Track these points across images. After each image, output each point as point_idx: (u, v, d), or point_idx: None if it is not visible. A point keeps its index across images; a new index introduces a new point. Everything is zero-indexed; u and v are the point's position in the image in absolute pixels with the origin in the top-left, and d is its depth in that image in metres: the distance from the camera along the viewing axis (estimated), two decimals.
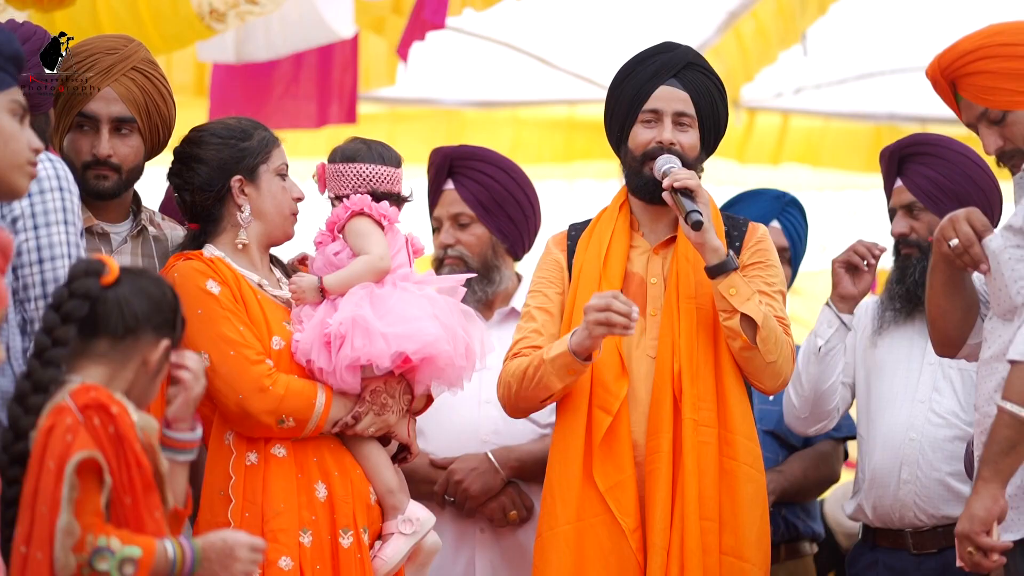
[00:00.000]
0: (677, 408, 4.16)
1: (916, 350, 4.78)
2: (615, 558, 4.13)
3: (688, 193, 4.14)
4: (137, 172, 4.18)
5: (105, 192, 4.12)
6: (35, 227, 3.49)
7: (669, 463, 4.13)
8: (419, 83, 8.98)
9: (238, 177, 4.03)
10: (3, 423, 3.30)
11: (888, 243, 4.89)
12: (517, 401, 4.29)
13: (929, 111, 8.78)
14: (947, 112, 4.24)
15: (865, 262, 4.71)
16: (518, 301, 4.89)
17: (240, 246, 4.05)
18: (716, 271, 4.16)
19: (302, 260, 4.23)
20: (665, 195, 4.17)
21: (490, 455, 4.71)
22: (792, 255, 5.36)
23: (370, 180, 4.15)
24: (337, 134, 8.99)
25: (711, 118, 4.32)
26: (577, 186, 10.08)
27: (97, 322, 3.25)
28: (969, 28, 4.13)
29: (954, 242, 3.92)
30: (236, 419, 3.92)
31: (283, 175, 4.08)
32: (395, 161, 4.21)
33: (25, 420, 3.18)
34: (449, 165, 4.89)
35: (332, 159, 4.20)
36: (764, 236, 4.35)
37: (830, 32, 8.68)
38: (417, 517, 4.01)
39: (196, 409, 3.46)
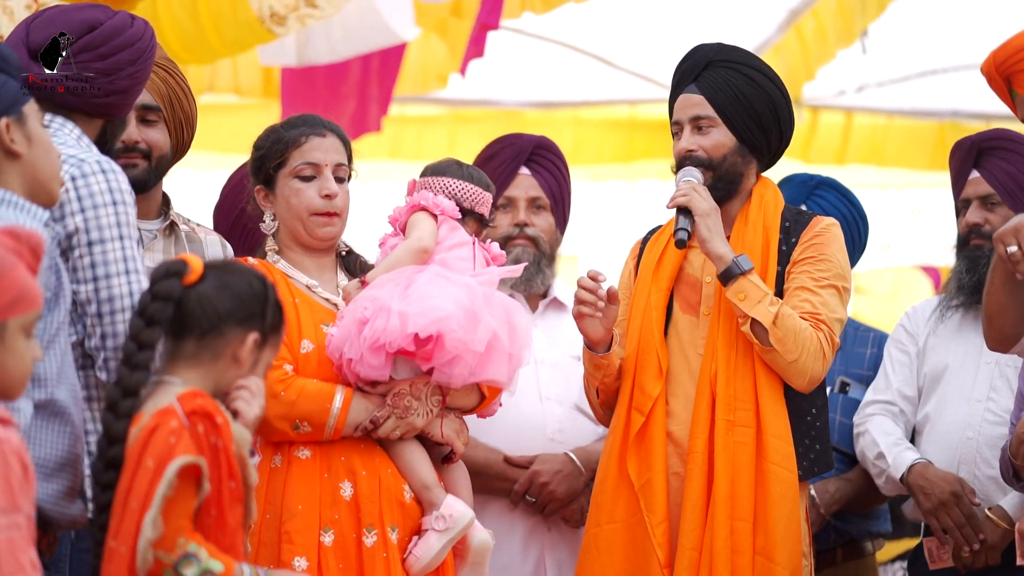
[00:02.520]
0: (714, 408, 4.19)
1: (973, 349, 4.78)
2: (642, 555, 4.18)
3: (687, 210, 4.19)
4: (165, 163, 4.24)
5: (135, 181, 4.13)
6: (89, 243, 3.50)
7: (704, 463, 4.17)
8: (480, 84, 8.99)
9: (258, 187, 4.12)
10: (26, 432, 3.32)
11: (945, 241, 4.88)
12: (591, 397, 4.42)
13: (993, 108, 8.70)
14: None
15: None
16: (557, 290, 4.93)
17: (284, 248, 4.11)
18: (723, 278, 4.19)
19: None
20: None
21: (573, 457, 4.70)
22: None
23: (456, 193, 4.18)
24: (399, 135, 9.03)
25: (740, 111, 4.31)
26: (639, 186, 10.06)
27: (182, 323, 3.26)
28: None
29: (1012, 249, 3.87)
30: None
31: (303, 176, 4.09)
32: (485, 184, 4.24)
33: (118, 425, 3.19)
34: (531, 151, 4.92)
35: (424, 174, 4.26)
36: (824, 230, 4.33)
37: (892, 29, 8.63)
38: (450, 513, 3.97)
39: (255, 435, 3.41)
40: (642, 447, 4.23)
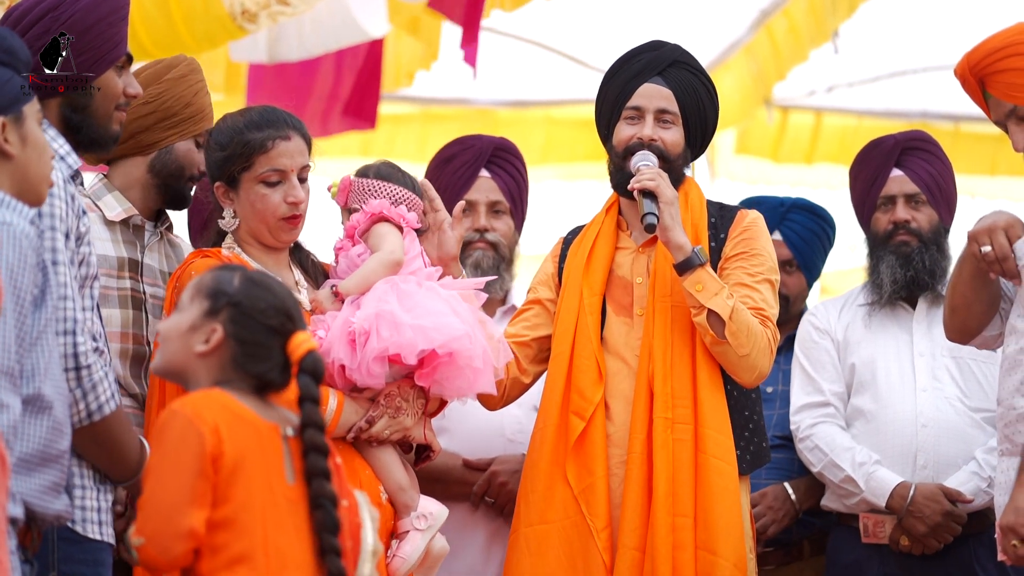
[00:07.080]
0: (652, 408, 4.19)
1: (902, 345, 4.89)
2: (582, 559, 4.18)
3: (651, 194, 4.17)
4: None
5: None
6: None
7: (642, 463, 4.17)
8: (452, 83, 8.99)
9: (218, 184, 4.08)
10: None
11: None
12: None
13: (962, 109, 8.74)
14: (980, 110, 4.24)
15: None
16: (515, 297, 4.91)
17: (244, 244, 4.08)
18: (681, 268, 4.18)
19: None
20: (636, 195, 4.21)
21: None
22: (801, 262, 5.34)
23: (404, 201, 4.17)
24: (369, 134, 9.01)
25: (696, 116, 4.34)
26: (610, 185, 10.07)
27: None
28: (1001, 25, 4.13)
29: (986, 249, 3.93)
30: None
31: (268, 182, 4.03)
32: (419, 192, 4.25)
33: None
34: (491, 153, 4.90)
35: (364, 174, 4.23)
36: (751, 224, 4.35)
37: (862, 30, 8.66)
38: (430, 511, 4.01)
39: None
40: (582, 452, 4.22)
